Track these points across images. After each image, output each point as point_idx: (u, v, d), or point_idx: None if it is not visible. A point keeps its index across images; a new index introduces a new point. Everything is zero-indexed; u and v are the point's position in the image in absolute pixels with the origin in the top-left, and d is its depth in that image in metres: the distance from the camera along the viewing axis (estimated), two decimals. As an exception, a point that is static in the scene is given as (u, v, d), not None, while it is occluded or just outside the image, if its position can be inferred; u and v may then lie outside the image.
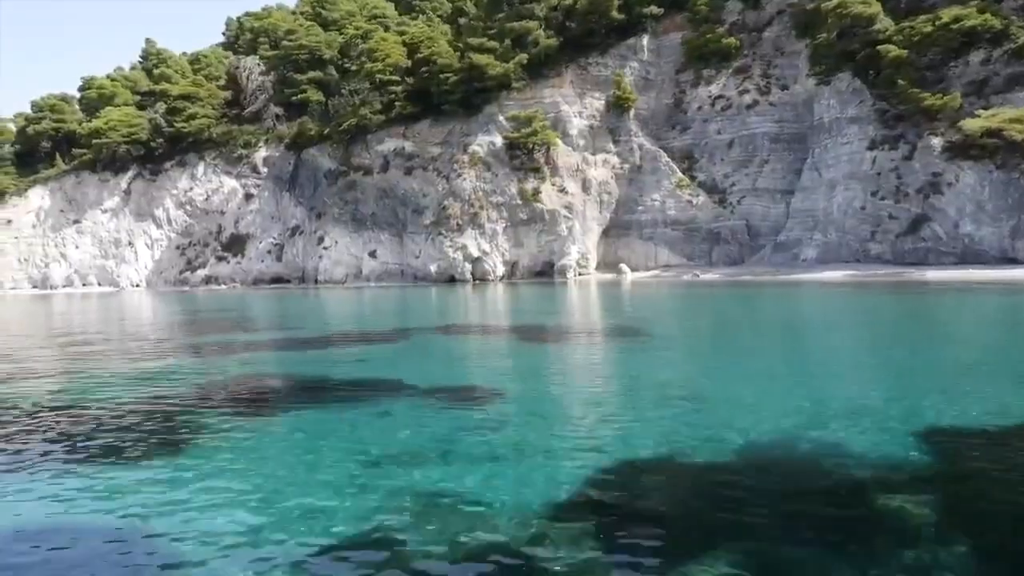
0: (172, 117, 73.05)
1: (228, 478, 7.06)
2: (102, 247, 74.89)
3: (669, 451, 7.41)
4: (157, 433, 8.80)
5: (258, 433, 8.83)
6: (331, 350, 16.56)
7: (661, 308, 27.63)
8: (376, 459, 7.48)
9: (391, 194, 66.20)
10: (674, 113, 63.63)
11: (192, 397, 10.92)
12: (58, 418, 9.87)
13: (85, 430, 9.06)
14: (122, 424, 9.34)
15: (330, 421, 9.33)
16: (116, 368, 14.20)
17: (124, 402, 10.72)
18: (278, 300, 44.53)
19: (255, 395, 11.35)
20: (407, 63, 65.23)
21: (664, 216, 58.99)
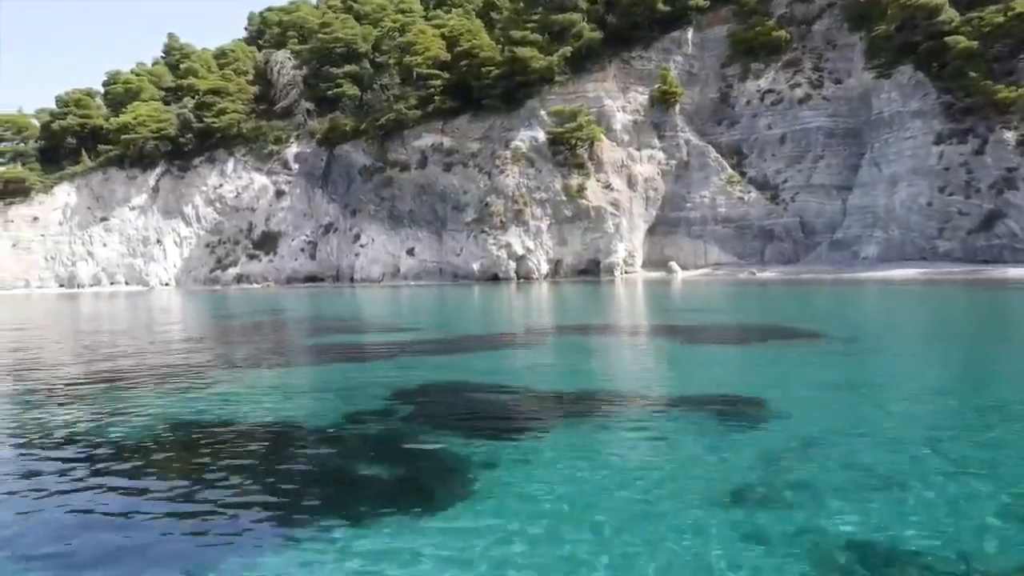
0: (201, 112, 71.58)
1: (522, 522, 5.40)
2: (130, 245, 73.45)
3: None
4: (395, 472, 6.85)
5: (528, 461, 7.06)
6: (493, 354, 15.14)
7: (774, 307, 26.20)
8: (711, 493, 5.81)
9: (429, 191, 64.78)
10: (720, 108, 62.18)
11: (402, 416, 9.43)
12: (254, 460, 7.46)
13: (301, 477, 6.75)
14: (343, 464, 7.17)
15: (600, 442, 7.78)
16: (282, 382, 12.76)
17: (320, 429, 9.11)
18: (334, 299, 43.09)
19: (476, 411, 9.91)
20: (447, 57, 63.66)
21: (714, 213, 57.59)
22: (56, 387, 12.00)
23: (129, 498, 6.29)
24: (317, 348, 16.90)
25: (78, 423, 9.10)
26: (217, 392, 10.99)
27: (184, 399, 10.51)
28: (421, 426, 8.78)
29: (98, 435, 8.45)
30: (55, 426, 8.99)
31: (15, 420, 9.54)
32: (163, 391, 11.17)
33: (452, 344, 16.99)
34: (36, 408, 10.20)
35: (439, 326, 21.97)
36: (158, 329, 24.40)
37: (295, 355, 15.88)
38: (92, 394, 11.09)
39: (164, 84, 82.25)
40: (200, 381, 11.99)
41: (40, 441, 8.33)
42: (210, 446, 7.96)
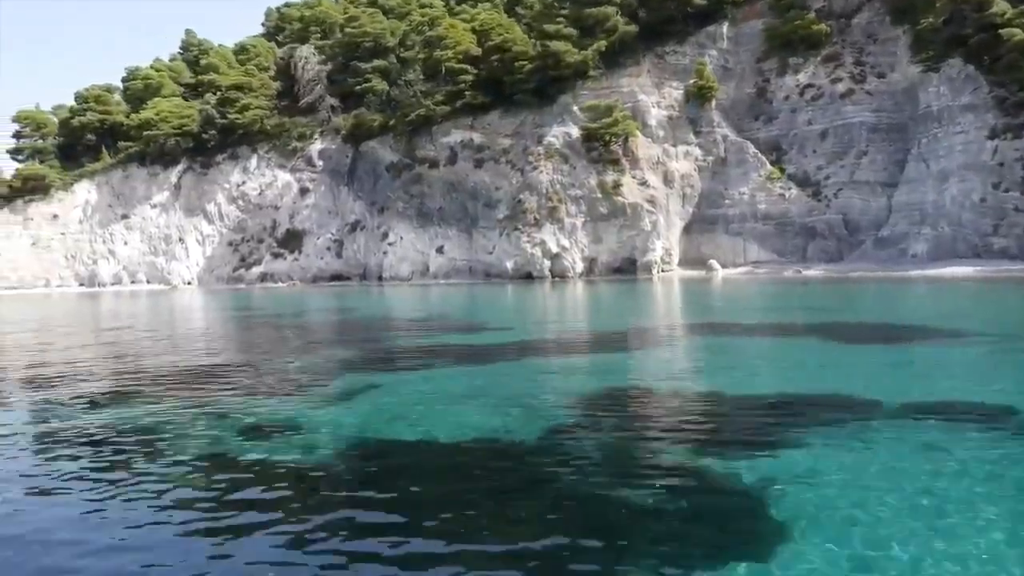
0: (224, 108, 70.37)
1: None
2: (151, 243, 72.27)
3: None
4: (671, 501, 5.60)
5: (810, 477, 6.04)
6: (636, 354, 13.98)
7: (876, 305, 24.98)
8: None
9: (459, 188, 63.59)
10: (757, 103, 61.01)
11: (619, 427, 8.28)
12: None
13: (565, 515, 5.46)
14: (601, 491, 5.88)
15: (870, 452, 6.67)
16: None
17: (533, 445, 7.94)
18: (379, 298, 41.95)
19: (696, 420, 8.74)
20: (477, 51, 62.46)
21: (753, 210, 56.43)
22: (99, 394, 10.86)
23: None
24: (436, 350, 15.72)
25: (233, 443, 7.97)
26: (398, 403, 9.83)
27: (346, 412, 9.36)
28: (651, 440, 7.64)
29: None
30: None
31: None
32: (307, 401, 10.01)
33: (575, 344, 15.85)
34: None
35: (534, 325, 20.76)
36: (225, 332, 23.23)
37: (426, 357, 14.69)
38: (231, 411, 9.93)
39: (183, 80, 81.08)
40: (343, 388, 10.83)
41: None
42: (425, 471, 6.82)
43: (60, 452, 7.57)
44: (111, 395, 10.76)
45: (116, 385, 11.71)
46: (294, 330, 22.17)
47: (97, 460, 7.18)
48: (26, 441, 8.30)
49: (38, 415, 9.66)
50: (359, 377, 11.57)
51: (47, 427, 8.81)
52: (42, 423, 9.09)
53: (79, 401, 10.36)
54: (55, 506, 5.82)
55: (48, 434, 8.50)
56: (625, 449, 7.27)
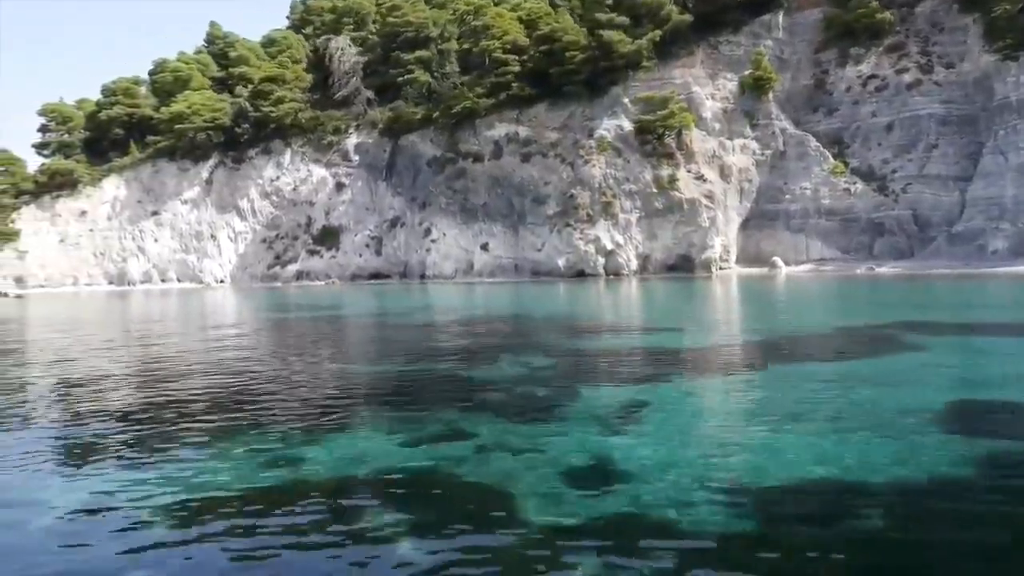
0: (258, 101, 68.26)
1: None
2: (182, 240, 70.16)
3: None
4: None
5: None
6: (889, 360, 11.88)
7: (1009, 304, 22.90)
8: None
9: (505, 182, 61.54)
10: (815, 95, 59.02)
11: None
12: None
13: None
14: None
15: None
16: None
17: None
18: (453, 297, 39.85)
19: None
20: (525, 41, 60.41)
21: (817, 205, 54.42)
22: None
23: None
24: (662, 354, 13.61)
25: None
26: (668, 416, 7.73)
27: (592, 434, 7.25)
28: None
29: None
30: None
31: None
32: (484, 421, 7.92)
33: (811, 346, 13.78)
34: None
35: (706, 324, 18.65)
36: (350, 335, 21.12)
37: (669, 366, 12.61)
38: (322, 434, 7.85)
39: (210, 74, 78.90)
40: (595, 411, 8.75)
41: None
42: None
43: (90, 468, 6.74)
44: (149, 410, 8.75)
45: (159, 400, 9.69)
46: (459, 334, 20.05)
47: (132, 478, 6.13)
48: (61, 453, 7.39)
49: (72, 429, 8.42)
50: (619, 393, 9.49)
51: (79, 440, 7.87)
52: (70, 437, 8.05)
53: (105, 417, 8.78)
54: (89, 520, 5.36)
55: (79, 450, 7.52)
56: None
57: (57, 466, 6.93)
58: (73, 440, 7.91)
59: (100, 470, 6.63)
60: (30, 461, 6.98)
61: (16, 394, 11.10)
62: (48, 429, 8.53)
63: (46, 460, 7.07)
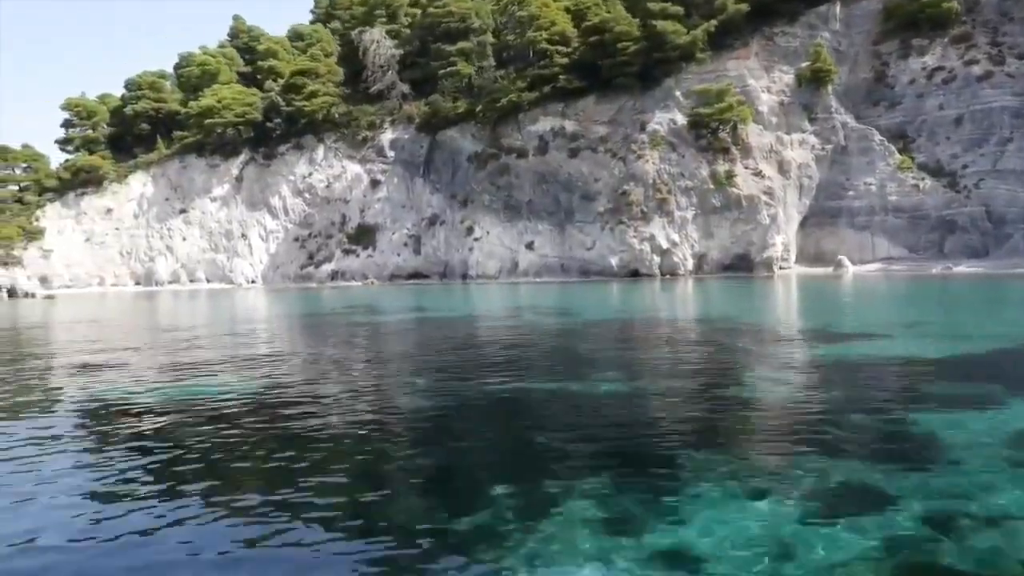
0: (290, 95, 65.95)
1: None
2: (211, 239, 67.81)
3: None
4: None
5: None
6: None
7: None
8: None
9: (551, 179, 59.29)
10: (875, 88, 56.84)
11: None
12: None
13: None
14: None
15: None
16: None
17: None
18: (515, 299, 37.57)
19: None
20: (573, 32, 58.19)
21: (883, 202, 52.19)
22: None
23: None
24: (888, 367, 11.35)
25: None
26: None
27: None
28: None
29: None
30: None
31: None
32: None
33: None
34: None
35: (911, 329, 16.36)
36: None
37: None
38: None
39: (235, 68, 76.64)
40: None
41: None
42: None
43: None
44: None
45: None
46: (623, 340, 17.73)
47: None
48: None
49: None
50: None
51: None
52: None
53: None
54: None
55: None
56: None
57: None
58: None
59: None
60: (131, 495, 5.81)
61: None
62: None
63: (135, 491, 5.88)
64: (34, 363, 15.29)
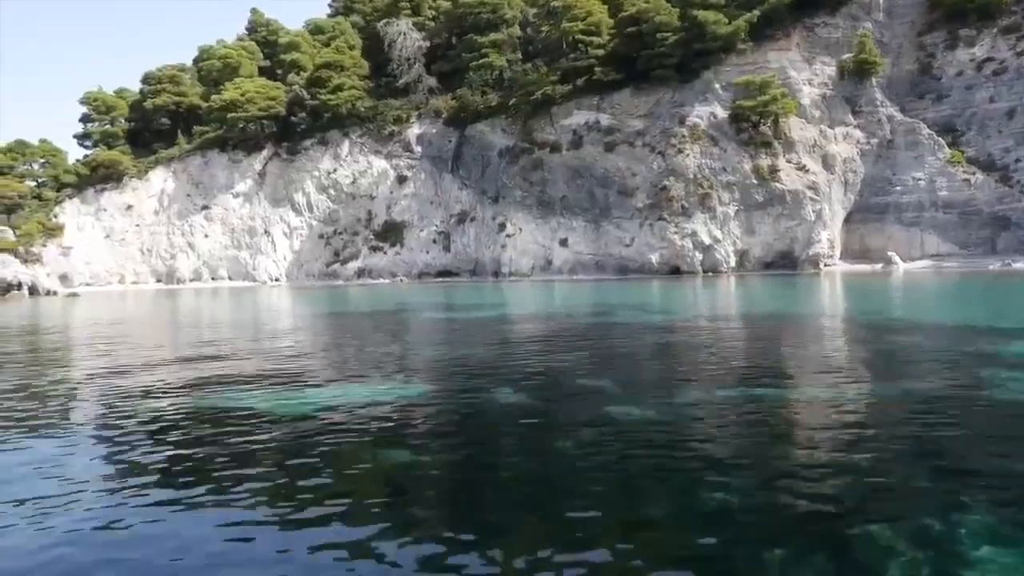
0: (316, 89, 64.38)
1: None
2: (234, 236, 66.24)
3: None
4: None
5: None
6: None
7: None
8: None
9: (586, 173, 57.76)
10: (921, 80, 55.36)
11: None
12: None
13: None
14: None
15: None
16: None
17: None
18: (572, 297, 36.03)
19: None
20: (609, 23, 56.69)
21: (933, 197, 50.70)
22: None
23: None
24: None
25: None
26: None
27: None
28: None
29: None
30: None
31: None
32: None
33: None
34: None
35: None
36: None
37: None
38: None
39: (256, 61, 75.11)
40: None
41: None
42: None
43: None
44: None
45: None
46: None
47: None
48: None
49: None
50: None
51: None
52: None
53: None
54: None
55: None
56: None
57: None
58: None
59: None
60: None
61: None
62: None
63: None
64: (74, 364, 13.79)
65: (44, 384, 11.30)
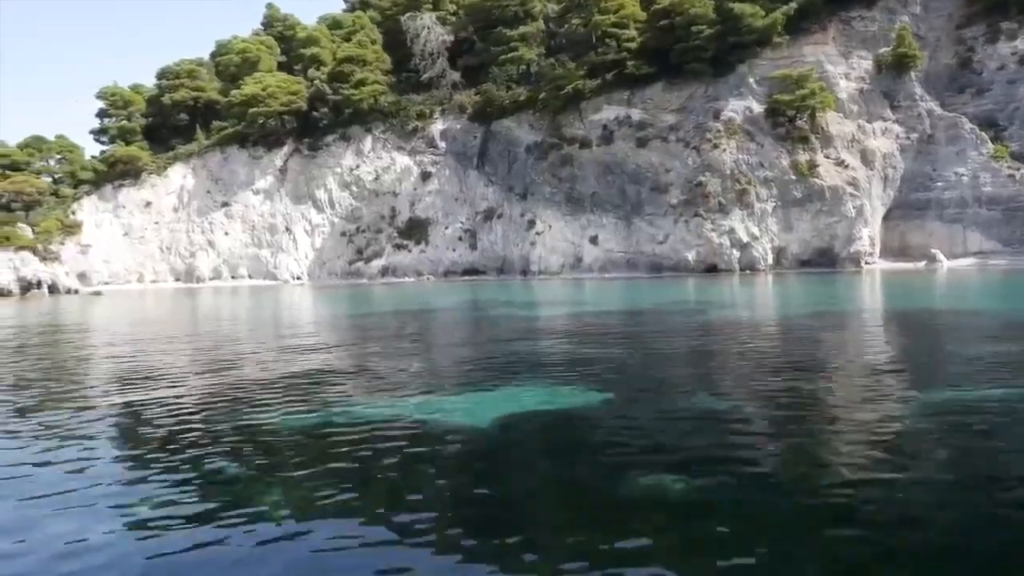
0: (338, 84, 63.16)
1: None
2: (254, 234, 65.02)
3: None
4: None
5: None
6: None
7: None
8: None
9: (616, 169, 56.59)
10: (960, 74, 54.34)
11: None
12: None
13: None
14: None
15: None
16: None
17: None
18: (637, 296, 34.93)
19: None
20: (642, 15, 55.57)
21: (976, 194, 49.65)
22: None
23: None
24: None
25: None
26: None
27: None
28: None
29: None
30: None
31: None
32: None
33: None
34: None
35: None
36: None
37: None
38: None
39: (274, 56, 73.78)
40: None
41: None
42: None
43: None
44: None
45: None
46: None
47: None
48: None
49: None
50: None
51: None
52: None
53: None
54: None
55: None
56: None
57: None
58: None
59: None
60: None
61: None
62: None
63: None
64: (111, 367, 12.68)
65: (150, 403, 10.19)
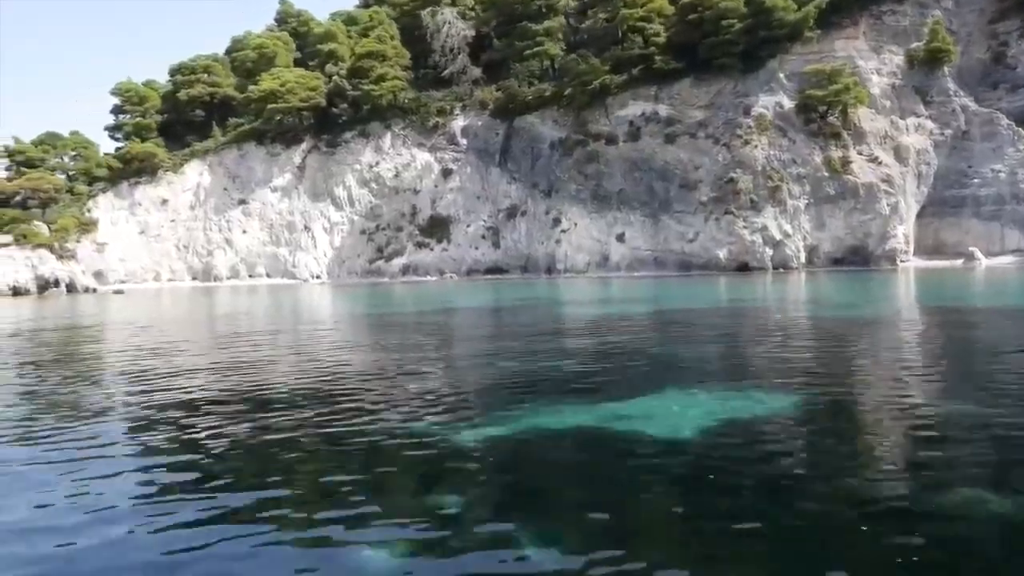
0: (358, 79, 62.19)
1: None
2: (272, 232, 64.03)
3: None
4: None
5: None
6: None
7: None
8: None
9: (643, 166, 55.70)
10: (994, 70, 53.49)
11: None
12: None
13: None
14: None
15: None
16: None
17: None
18: (699, 295, 33.96)
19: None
20: (670, 9, 54.68)
21: (1014, 190, 48.85)
22: None
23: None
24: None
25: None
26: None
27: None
28: None
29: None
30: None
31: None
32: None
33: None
34: None
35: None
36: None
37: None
38: None
39: (290, 52, 72.84)
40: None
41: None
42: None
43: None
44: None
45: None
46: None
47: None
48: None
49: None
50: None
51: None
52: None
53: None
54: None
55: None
56: None
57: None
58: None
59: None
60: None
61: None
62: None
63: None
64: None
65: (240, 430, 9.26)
